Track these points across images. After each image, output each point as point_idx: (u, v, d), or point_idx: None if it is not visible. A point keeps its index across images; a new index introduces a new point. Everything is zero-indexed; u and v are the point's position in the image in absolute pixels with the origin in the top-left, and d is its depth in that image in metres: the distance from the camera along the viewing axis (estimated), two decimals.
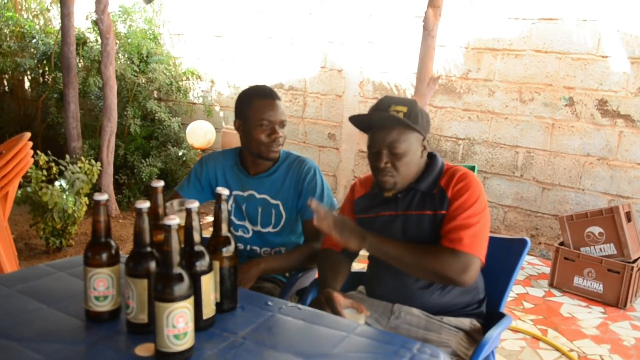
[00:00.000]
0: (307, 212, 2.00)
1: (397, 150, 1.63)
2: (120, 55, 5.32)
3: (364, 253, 1.91)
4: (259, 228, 2.05)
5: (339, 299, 1.59)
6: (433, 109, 4.58)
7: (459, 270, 1.56)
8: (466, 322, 1.70)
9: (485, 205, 1.65)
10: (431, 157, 1.76)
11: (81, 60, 5.33)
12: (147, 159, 5.03)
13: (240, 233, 2.07)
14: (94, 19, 4.55)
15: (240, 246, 2.07)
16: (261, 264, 1.90)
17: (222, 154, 2.13)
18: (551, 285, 3.57)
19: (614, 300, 3.32)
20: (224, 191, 1.37)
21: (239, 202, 2.05)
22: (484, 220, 1.63)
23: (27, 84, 6.48)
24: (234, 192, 2.05)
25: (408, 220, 1.69)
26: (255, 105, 1.92)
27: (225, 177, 2.07)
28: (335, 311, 1.54)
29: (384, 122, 1.65)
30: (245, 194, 2.04)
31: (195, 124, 4.77)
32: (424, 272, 1.61)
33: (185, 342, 1.15)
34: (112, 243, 1.31)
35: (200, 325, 1.26)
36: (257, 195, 2.03)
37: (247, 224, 2.06)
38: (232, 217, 2.07)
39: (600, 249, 3.40)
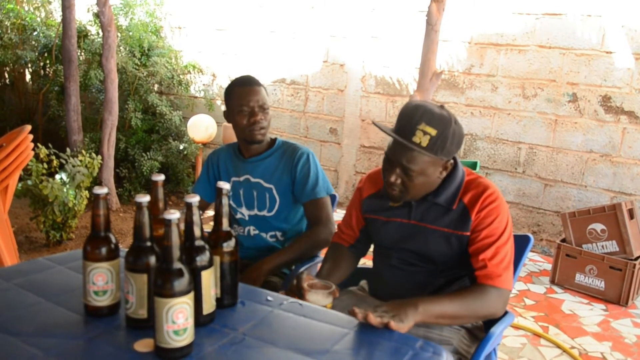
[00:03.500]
0: (304, 196, 2.06)
1: (411, 172, 1.52)
2: (121, 48, 5.30)
3: (369, 249, 1.91)
4: (255, 212, 2.12)
5: (306, 281, 1.55)
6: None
7: (501, 308, 1.57)
8: None
9: (511, 227, 1.60)
10: (452, 165, 1.63)
11: (82, 53, 5.31)
12: (148, 153, 5.02)
13: (238, 216, 2.16)
14: (96, 11, 4.53)
15: (241, 230, 2.16)
16: (264, 266, 1.95)
17: (225, 147, 2.24)
18: (553, 282, 3.55)
19: (616, 298, 3.31)
20: (224, 185, 1.36)
21: (236, 187, 2.13)
22: (511, 246, 1.59)
23: (28, 77, 6.46)
24: (233, 179, 2.14)
25: (424, 233, 1.63)
26: (235, 93, 2.04)
27: (226, 165, 2.17)
28: (301, 296, 1.52)
29: (404, 143, 1.51)
30: (242, 178, 2.12)
31: (196, 117, 4.75)
32: (476, 317, 1.58)
33: (185, 338, 1.14)
34: (112, 237, 1.30)
35: (201, 320, 1.25)
36: (252, 179, 2.11)
37: (244, 210, 2.14)
38: (230, 202, 2.14)
39: (603, 246, 3.39)
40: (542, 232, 4.27)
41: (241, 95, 2.01)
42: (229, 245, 1.36)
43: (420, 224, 1.64)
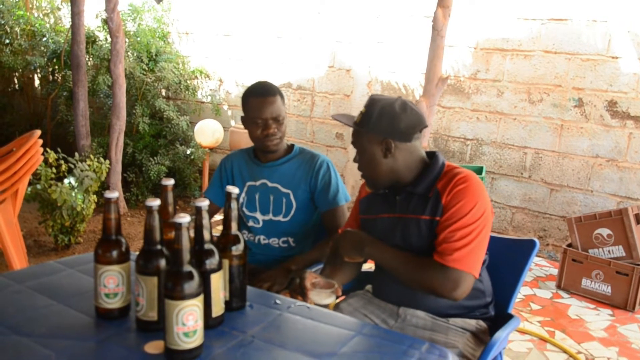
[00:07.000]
0: (325, 204, 2.09)
1: (357, 150, 1.69)
2: (129, 53, 5.34)
3: None
4: (270, 217, 2.12)
5: (309, 280, 1.58)
6: (441, 109, 4.57)
7: (450, 287, 1.52)
8: (472, 323, 1.69)
9: (484, 213, 1.56)
10: (432, 157, 1.70)
11: (91, 59, 5.35)
12: (155, 158, 5.05)
13: (250, 223, 2.16)
14: (104, 17, 4.57)
15: (251, 237, 2.17)
16: (292, 266, 1.99)
17: (238, 152, 2.24)
18: (559, 287, 3.55)
19: (622, 303, 3.30)
20: (233, 190, 1.38)
21: (252, 192, 2.14)
22: (478, 231, 1.54)
23: (37, 82, 6.52)
24: (248, 183, 2.15)
25: (406, 223, 1.66)
26: (250, 104, 2.04)
27: (240, 170, 2.18)
28: (304, 295, 1.56)
29: (350, 125, 1.72)
30: (258, 183, 2.13)
31: (203, 122, 4.78)
32: (415, 284, 1.59)
33: (195, 340, 1.16)
34: (123, 240, 1.31)
35: (210, 323, 1.27)
36: (270, 184, 2.12)
37: (257, 214, 2.14)
38: (244, 208, 2.15)
39: (609, 251, 3.38)
40: (548, 237, 4.27)
41: (255, 107, 2.01)
42: (237, 249, 1.37)
43: (404, 215, 1.67)
